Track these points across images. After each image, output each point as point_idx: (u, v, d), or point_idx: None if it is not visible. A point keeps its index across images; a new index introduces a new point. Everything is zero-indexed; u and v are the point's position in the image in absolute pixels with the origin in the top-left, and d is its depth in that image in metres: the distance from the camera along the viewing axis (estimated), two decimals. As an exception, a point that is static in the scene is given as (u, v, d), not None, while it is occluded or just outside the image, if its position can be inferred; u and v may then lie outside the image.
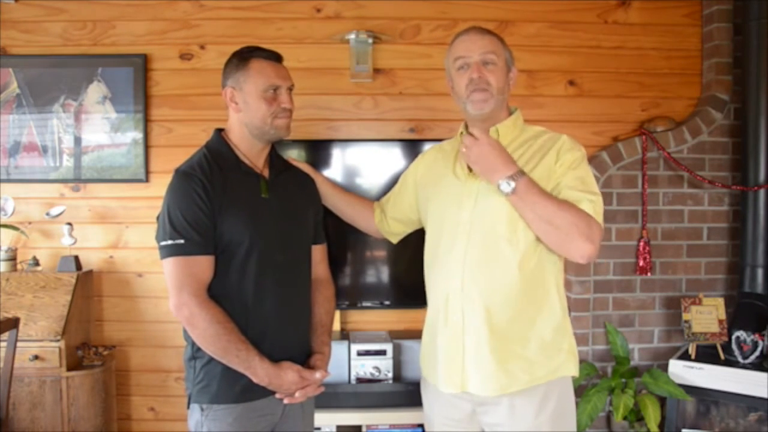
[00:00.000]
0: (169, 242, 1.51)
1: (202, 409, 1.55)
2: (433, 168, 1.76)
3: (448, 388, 1.59)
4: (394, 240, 1.94)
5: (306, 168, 1.87)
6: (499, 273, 1.53)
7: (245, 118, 1.62)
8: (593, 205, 1.49)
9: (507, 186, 1.46)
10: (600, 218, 1.49)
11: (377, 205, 1.94)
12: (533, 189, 1.47)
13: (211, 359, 1.53)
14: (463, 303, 1.55)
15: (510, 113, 1.67)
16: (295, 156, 2.55)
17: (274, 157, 1.73)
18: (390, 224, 1.90)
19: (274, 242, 1.60)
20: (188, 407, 1.60)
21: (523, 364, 1.53)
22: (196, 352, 1.57)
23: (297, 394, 1.58)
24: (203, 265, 1.52)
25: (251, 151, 1.65)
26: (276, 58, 1.65)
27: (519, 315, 1.53)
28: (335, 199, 1.91)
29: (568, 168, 1.54)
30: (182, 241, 1.50)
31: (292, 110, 1.66)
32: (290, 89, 1.66)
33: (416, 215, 1.83)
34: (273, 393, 1.57)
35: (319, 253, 1.78)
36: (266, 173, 1.67)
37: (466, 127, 1.69)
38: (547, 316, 1.55)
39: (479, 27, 1.65)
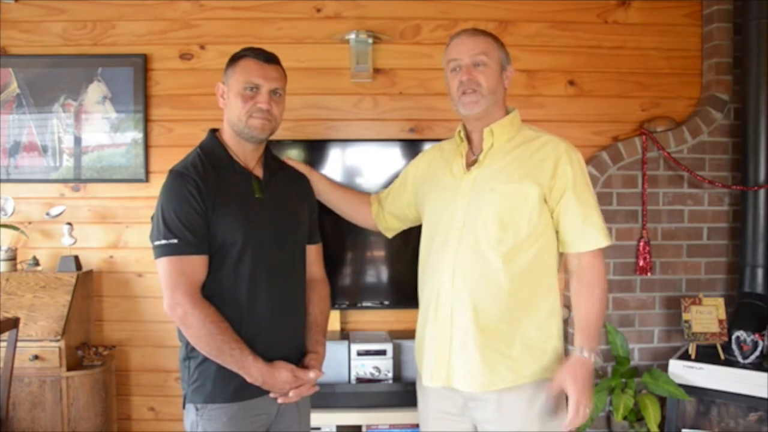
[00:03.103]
0: (163, 242, 1.51)
1: (197, 409, 1.55)
2: (432, 166, 1.77)
3: (432, 381, 1.61)
4: (389, 234, 1.95)
5: (301, 167, 1.86)
6: (488, 271, 1.54)
7: (227, 115, 1.64)
8: (587, 241, 1.58)
9: (589, 354, 1.56)
10: (599, 240, 1.58)
11: (374, 198, 1.94)
12: (588, 332, 1.57)
13: (206, 359, 1.54)
14: (452, 299, 1.58)
15: (508, 112, 1.67)
16: (295, 155, 2.55)
17: (269, 158, 1.72)
18: (387, 219, 1.90)
19: (268, 242, 1.60)
20: (184, 407, 1.60)
21: (508, 363, 1.54)
22: (190, 352, 1.57)
23: (291, 394, 1.58)
24: (197, 264, 1.52)
25: (243, 151, 1.65)
26: (265, 58, 1.63)
27: (506, 314, 1.55)
28: (332, 195, 1.91)
29: (567, 188, 1.57)
30: (176, 241, 1.50)
31: (272, 112, 1.61)
32: (275, 92, 1.62)
33: (413, 213, 1.84)
34: (267, 392, 1.57)
35: (313, 253, 1.78)
36: (260, 173, 1.67)
37: (464, 127, 1.70)
38: (533, 317, 1.56)
39: (472, 29, 1.67)
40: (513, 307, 1.54)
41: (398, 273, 2.63)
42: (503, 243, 1.54)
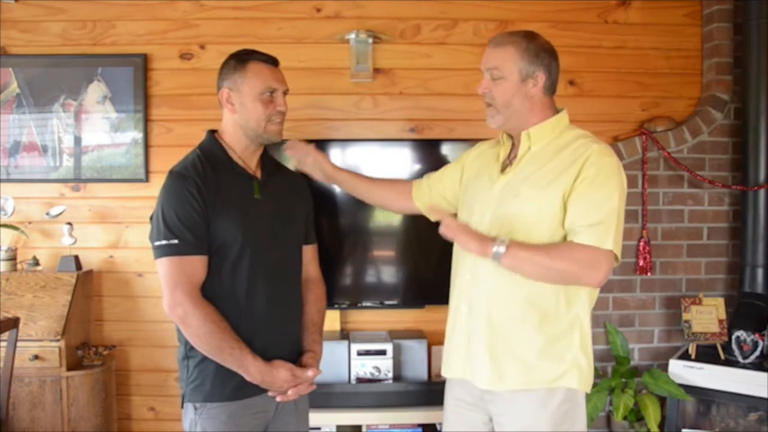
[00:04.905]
0: (164, 242, 1.52)
1: (195, 408, 1.56)
2: (479, 161, 1.76)
3: (452, 373, 1.66)
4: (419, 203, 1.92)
5: (317, 173, 1.88)
6: (504, 275, 1.53)
7: (240, 120, 1.63)
8: (593, 234, 1.47)
9: (500, 246, 1.47)
10: (606, 242, 1.47)
11: (417, 182, 1.93)
12: (523, 246, 1.49)
13: (205, 358, 1.54)
14: (470, 298, 1.60)
15: (554, 113, 1.63)
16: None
17: (267, 159, 1.74)
18: (422, 190, 1.88)
19: (266, 242, 1.61)
20: (182, 407, 1.61)
21: (517, 366, 1.54)
22: (189, 351, 1.58)
23: (289, 392, 1.59)
24: (197, 264, 1.53)
25: (245, 153, 1.66)
26: (273, 62, 1.66)
27: (520, 318, 1.54)
28: (363, 185, 1.93)
29: (583, 189, 1.49)
30: (176, 241, 1.51)
31: (285, 114, 1.67)
32: (285, 93, 1.67)
33: (451, 193, 1.83)
34: (266, 391, 1.58)
35: (309, 254, 1.80)
36: (258, 174, 1.68)
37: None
38: (552, 324, 1.54)
39: (505, 34, 1.62)
40: (528, 311, 1.53)
41: (399, 273, 2.63)
42: None
